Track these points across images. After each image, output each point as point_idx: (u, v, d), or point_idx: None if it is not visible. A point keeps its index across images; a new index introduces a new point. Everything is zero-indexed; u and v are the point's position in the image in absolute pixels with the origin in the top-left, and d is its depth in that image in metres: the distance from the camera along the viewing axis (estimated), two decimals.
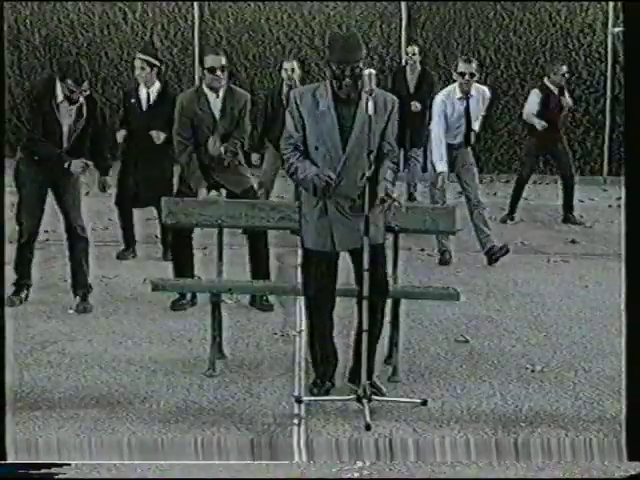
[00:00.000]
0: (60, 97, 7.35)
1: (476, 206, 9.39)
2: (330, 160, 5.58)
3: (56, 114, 7.36)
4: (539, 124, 11.30)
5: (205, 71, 7.50)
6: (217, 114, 7.54)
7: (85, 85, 7.31)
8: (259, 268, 7.69)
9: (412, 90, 12.65)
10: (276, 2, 15.57)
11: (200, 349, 6.56)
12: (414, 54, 13.00)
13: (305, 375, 6.18)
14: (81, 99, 7.38)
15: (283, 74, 10.78)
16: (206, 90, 7.53)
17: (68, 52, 15.60)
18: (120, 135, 9.06)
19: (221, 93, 7.54)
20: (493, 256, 9.35)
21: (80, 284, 7.62)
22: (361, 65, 5.52)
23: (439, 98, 9.46)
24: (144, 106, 9.05)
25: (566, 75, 11.71)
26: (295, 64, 10.84)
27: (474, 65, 9.35)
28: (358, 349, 5.66)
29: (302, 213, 5.77)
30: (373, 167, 5.48)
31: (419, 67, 13.05)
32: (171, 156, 8.46)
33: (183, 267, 7.66)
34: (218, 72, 7.46)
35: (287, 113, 5.72)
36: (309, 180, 5.55)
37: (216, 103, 7.54)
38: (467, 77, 9.28)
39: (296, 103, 5.63)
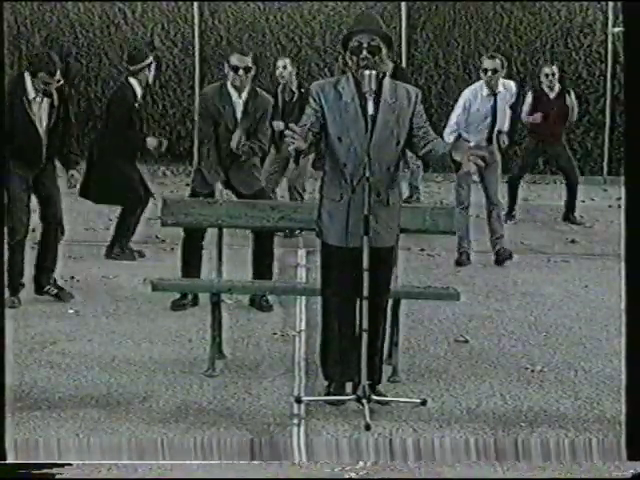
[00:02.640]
0: (32, 93, 7.36)
1: (495, 206, 9.43)
2: (355, 152, 5.51)
3: (28, 112, 7.37)
4: (532, 118, 11.43)
5: (229, 69, 7.58)
6: (239, 113, 7.62)
7: (58, 75, 7.31)
8: (262, 269, 7.69)
9: None
10: (276, 2, 15.58)
11: (200, 349, 6.55)
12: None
13: (305, 375, 6.18)
14: (53, 92, 7.40)
15: (276, 71, 10.90)
16: (230, 88, 7.60)
17: (68, 52, 15.60)
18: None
19: (244, 94, 7.60)
20: (499, 257, 9.36)
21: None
22: (379, 42, 5.50)
23: (466, 91, 9.57)
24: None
25: (549, 77, 11.74)
26: (287, 61, 10.91)
27: (497, 61, 9.34)
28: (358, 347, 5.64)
29: (324, 208, 5.65)
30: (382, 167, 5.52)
31: (389, 64, 12.95)
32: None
33: (190, 269, 7.65)
34: (241, 72, 7.52)
35: (307, 107, 5.65)
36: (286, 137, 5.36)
37: (238, 102, 7.61)
38: (490, 73, 9.29)
39: (317, 95, 5.58)
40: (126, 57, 10.52)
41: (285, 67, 10.79)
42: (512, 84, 9.65)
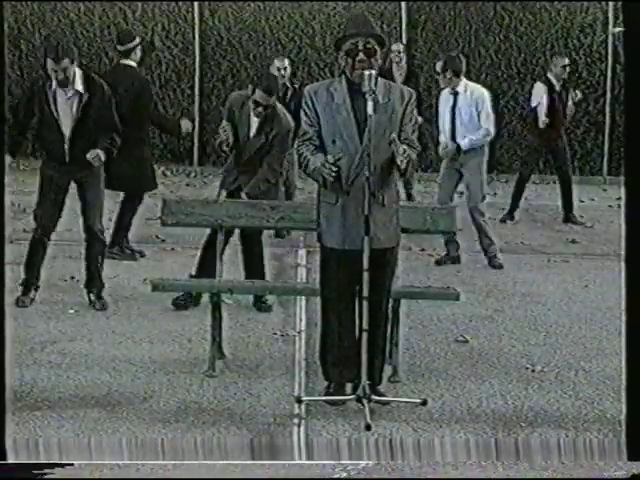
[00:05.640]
0: (54, 83, 7.26)
1: (475, 210, 9.31)
2: (348, 153, 5.50)
3: (50, 104, 7.28)
4: (542, 121, 11.32)
5: (252, 101, 7.52)
6: (252, 131, 7.66)
7: (65, 62, 7.12)
8: (254, 268, 7.68)
9: None
10: (276, 2, 15.57)
11: (200, 349, 6.55)
12: (399, 52, 12.89)
13: (305, 375, 6.19)
14: (77, 82, 7.25)
15: (274, 73, 10.82)
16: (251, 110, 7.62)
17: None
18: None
19: (261, 117, 7.61)
20: (491, 263, 9.29)
21: (93, 282, 7.63)
22: (374, 43, 5.51)
23: (441, 94, 9.65)
24: None
25: (567, 68, 11.60)
26: (286, 62, 10.92)
27: (441, 63, 9.49)
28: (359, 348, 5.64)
29: (321, 211, 5.64)
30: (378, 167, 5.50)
31: (405, 66, 12.97)
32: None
33: (206, 266, 7.61)
34: (260, 109, 7.52)
35: (301, 111, 5.65)
36: (320, 170, 5.45)
37: (254, 120, 7.63)
38: (440, 75, 9.49)
39: (311, 99, 5.58)
40: (115, 39, 10.49)
41: (285, 68, 10.81)
42: (480, 90, 9.49)
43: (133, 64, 9.16)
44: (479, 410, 5.67)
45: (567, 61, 11.74)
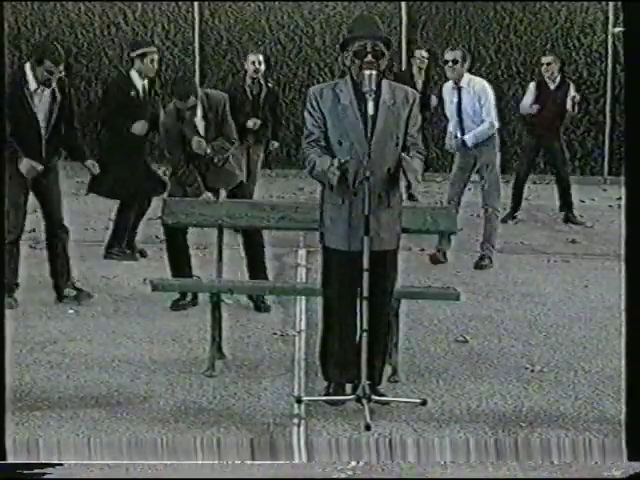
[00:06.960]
0: (33, 84, 7.29)
1: (489, 209, 9.28)
2: (355, 155, 5.48)
3: (30, 104, 7.31)
4: (531, 109, 11.43)
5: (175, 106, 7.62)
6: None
7: (61, 67, 7.30)
8: (256, 266, 7.68)
9: (419, 90, 12.55)
10: (276, 2, 15.58)
11: (200, 349, 6.56)
12: (425, 58, 13.16)
13: (305, 375, 6.19)
14: (53, 83, 7.35)
15: (249, 66, 10.87)
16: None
17: (68, 52, 15.59)
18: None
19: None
20: (478, 263, 9.29)
21: (67, 275, 7.68)
22: (381, 45, 5.52)
23: (445, 86, 9.67)
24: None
25: (544, 66, 11.65)
26: (261, 57, 10.97)
27: (457, 52, 9.30)
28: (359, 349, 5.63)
29: (326, 212, 5.62)
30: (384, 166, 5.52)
31: (424, 72, 13.15)
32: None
33: (180, 267, 7.65)
34: (191, 102, 7.54)
35: (305, 111, 5.64)
36: (326, 172, 5.43)
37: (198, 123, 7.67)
38: (450, 64, 9.28)
39: (316, 100, 5.57)
40: (129, 45, 10.46)
41: (260, 62, 10.89)
42: (481, 83, 9.43)
43: (134, 75, 9.15)
44: (479, 410, 5.67)
45: (548, 59, 11.77)
